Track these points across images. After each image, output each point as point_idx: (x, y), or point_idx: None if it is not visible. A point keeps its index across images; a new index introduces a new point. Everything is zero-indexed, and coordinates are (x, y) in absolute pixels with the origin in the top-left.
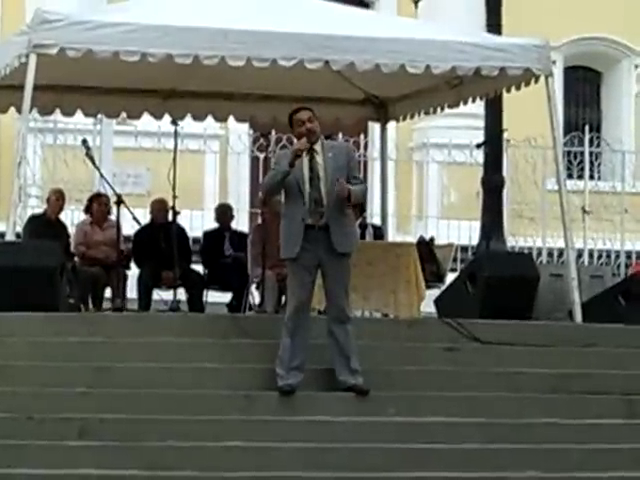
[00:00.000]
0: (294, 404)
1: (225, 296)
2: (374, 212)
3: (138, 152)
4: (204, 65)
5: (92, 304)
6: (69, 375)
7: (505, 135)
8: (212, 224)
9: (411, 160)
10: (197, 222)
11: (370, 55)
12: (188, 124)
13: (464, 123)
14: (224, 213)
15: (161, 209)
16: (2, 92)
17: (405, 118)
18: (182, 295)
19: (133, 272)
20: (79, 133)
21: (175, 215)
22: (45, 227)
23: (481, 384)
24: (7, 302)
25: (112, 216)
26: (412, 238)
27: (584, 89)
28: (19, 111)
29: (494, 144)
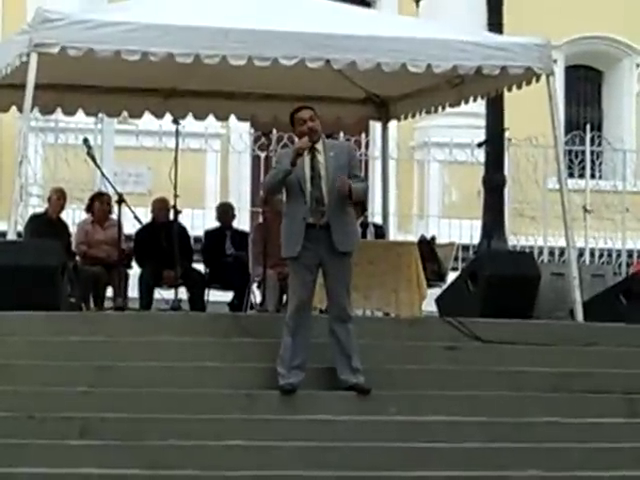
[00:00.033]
0: (295, 403)
1: (226, 295)
2: (375, 211)
3: (139, 151)
4: (205, 64)
5: (93, 303)
6: (70, 374)
7: (506, 134)
8: (213, 223)
9: (412, 159)
10: (198, 221)
11: (371, 54)
12: (189, 123)
13: (465, 122)
14: (225, 212)
15: (162, 208)
16: (3, 91)
17: (406, 117)
18: (183, 294)
19: (134, 271)
20: (80, 132)
21: (176, 214)
22: (46, 226)
23: (482, 383)
24: (8, 301)
25: (113, 215)
26: (413, 237)
27: (585, 88)
28: (20, 110)
29: (495, 143)
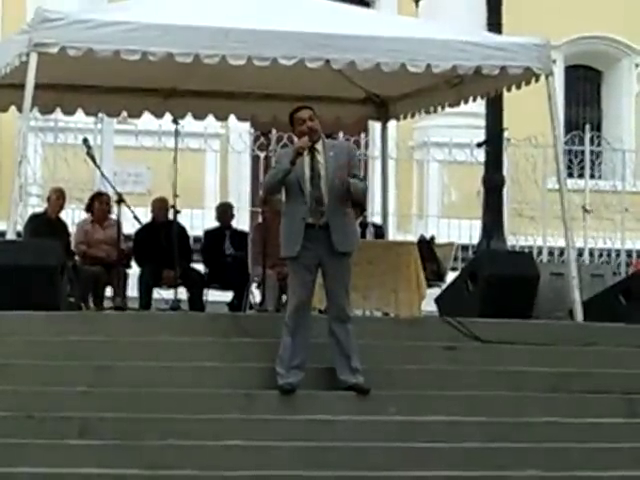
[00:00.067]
0: (294, 403)
1: (226, 295)
2: (375, 211)
3: (139, 151)
4: (205, 64)
5: (93, 303)
6: (70, 374)
7: (506, 134)
8: (213, 223)
9: (412, 159)
10: (198, 221)
11: (371, 54)
12: (189, 123)
13: (465, 122)
14: (225, 212)
15: (162, 208)
16: (3, 91)
17: (406, 117)
18: (183, 294)
19: (134, 271)
20: (80, 132)
21: (176, 214)
22: (46, 226)
23: (482, 383)
24: (8, 301)
25: (113, 215)
26: (413, 237)
27: (584, 88)
28: (20, 110)
29: (495, 143)
